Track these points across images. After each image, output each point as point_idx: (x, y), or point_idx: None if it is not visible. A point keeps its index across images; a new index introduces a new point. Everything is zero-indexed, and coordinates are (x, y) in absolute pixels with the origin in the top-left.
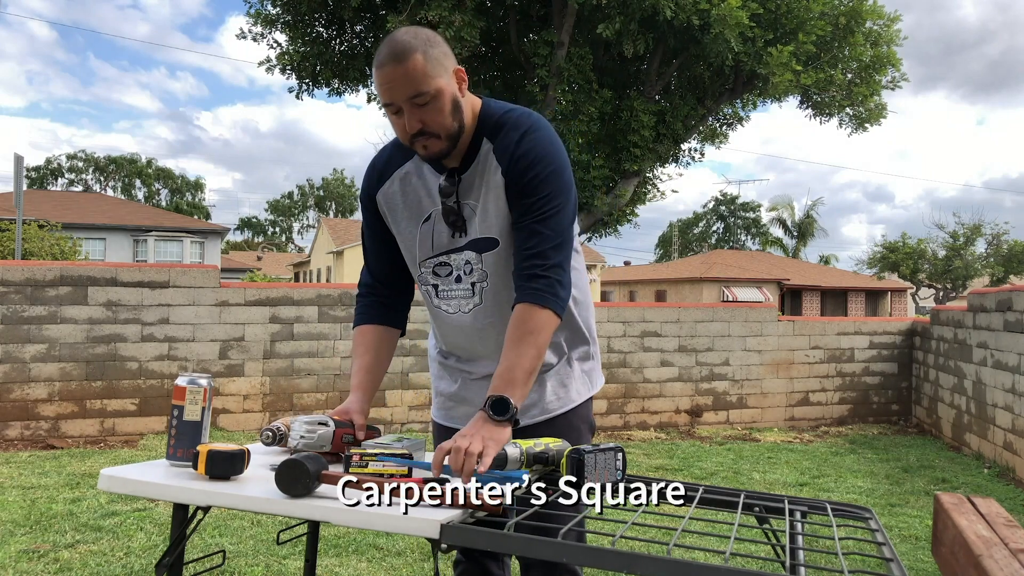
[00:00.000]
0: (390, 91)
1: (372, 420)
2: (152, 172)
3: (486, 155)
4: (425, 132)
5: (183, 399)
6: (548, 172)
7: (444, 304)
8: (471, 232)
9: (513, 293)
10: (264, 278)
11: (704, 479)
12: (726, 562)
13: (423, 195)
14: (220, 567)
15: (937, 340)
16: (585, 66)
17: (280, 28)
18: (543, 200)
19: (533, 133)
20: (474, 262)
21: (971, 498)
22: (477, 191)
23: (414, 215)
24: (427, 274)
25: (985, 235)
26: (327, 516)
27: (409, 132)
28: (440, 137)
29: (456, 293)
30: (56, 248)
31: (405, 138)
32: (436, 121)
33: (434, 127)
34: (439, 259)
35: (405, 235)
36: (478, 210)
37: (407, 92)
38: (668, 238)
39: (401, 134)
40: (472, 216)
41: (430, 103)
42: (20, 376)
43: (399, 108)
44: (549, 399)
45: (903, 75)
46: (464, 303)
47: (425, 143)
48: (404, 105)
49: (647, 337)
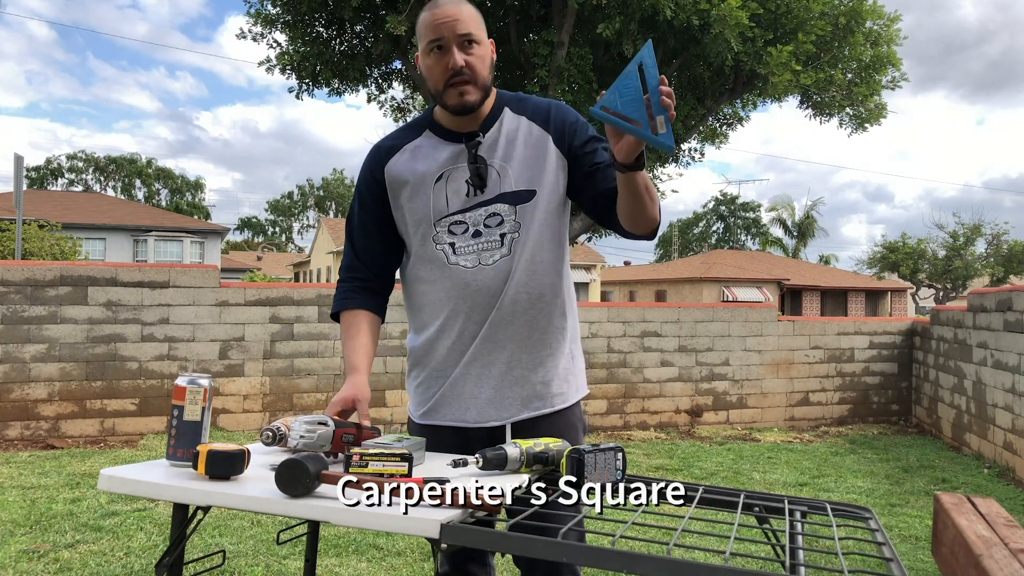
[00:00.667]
0: (443, 26)
1: (372, 420)
2: (152, 172)
3: (511, 120)
4: (464, 74)
5: (183, 399)
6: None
7: (463, 260)
8: (496, 188)
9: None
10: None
11: (704, 479)
12: (726, 562)
13: (434, 161)
14: (220, 567)
15: (937, 340)
16: (585, 66)
17: (280, 28)
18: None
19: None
20: (505, 214)
21: (971, 498)
22: (506, 151)
23: (426, 179)
24: (443, 233)
25: (985, 235)
26: (327, 516)
27: (452, 68)
28: (476, 85)
29: (476, 246)
30: (56, 248)
31: (444, 78)
32: (476, 67)
33: (474, 71)
34: (454, 217)
35: (416, 200)
36: (510, 167)
37: (460, 29)
38: (668, 238)
39: (441, 74)
40: (499, 175)
41: (475, 48)
42: (20, 376)
43: (445, 46)
44: (555, 392)
45: (903, 75)
46: (487, 255)
47: (463, 88)
48: (453, 41)
49: (647, 337)
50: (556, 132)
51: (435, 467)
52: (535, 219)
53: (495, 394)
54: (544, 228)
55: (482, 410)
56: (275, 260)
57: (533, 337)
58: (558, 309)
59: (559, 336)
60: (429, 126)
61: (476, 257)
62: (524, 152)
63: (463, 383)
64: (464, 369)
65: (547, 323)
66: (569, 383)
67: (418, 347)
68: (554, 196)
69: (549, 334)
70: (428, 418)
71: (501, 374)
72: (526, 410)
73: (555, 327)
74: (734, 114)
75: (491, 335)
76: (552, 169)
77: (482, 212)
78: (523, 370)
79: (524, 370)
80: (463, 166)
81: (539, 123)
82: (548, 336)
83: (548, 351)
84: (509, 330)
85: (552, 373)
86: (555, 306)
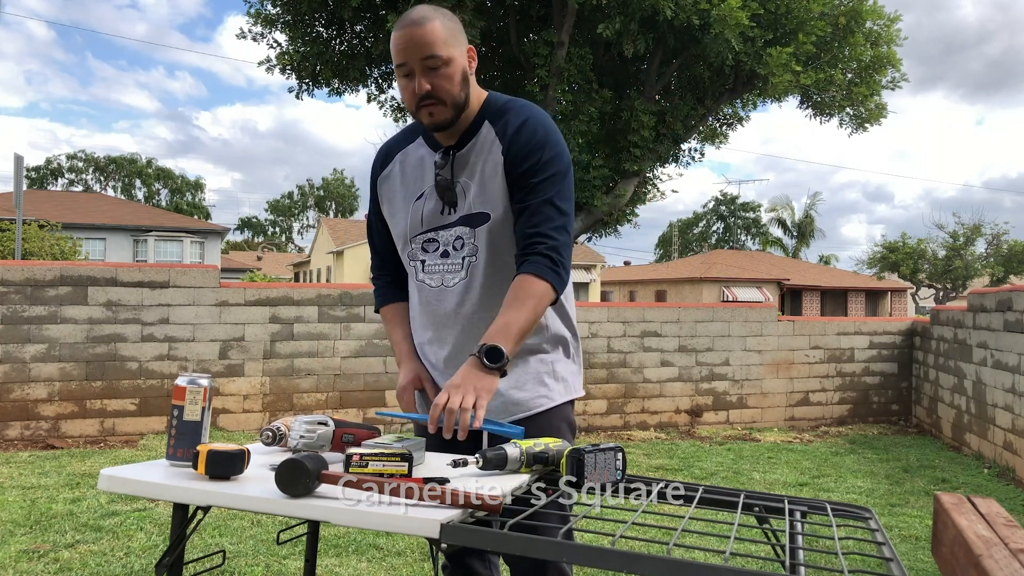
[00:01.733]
0: (405, 51)
1: (372, 420)
2: (152, 172)
3: (486, 135)
4: (432, 97)
5: (183, 399)
6: (550, 156)
7: (428, 278)
8: (463, 208)
9: (502, 276)
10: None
11: (704, 479)
12: (726, 562)
13: (419, 174)
14: (220, 567)
15: (937, 340)
16: (585, 66)
17: (280, 28)
18: (545, 182)
19: (535, 119)
20: (466, 236)
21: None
22: (472, 169)
23: (409, 194)
24: (416, 250)
25: (985, 235)
26: (327, 516)
27: (417, 94)
28: (446, 104)
29: (442, 267)
30: (56, 248)
31: (413, 102)
32: (444, 88)
33: (442, 93)
34: (428, 235)
35: (399, 214)
36: (473, 187)
37: (422, 53)
38: (668, 238)
39: (409, 98)
40: (464, 194)
41: (441, 68)
42: (20, 376)
43: (411, 70)
44: (530, 396)
45: (903, 75)
46: (450, 276)
47: (431, 109)
48: (416, 67)
49: (647, 337)
50: (508, 153)
51: (435, 467)
52: (491, 243)
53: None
54: (500, 252)
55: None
56: (275, 260)
57: None
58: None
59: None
60: (422, 131)
61: (440, 278)
62: (484, 172)
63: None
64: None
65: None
66: (548, 387)
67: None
68: (507, 216)
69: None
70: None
71: None
72: (504, 416)
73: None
74: (734, 114)
75: (455, 354)
76: (501, 188)
77: (452, 232)
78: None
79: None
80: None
81: (501, 139)
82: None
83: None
84: (460, 353)
85: (524, 379)
86: None
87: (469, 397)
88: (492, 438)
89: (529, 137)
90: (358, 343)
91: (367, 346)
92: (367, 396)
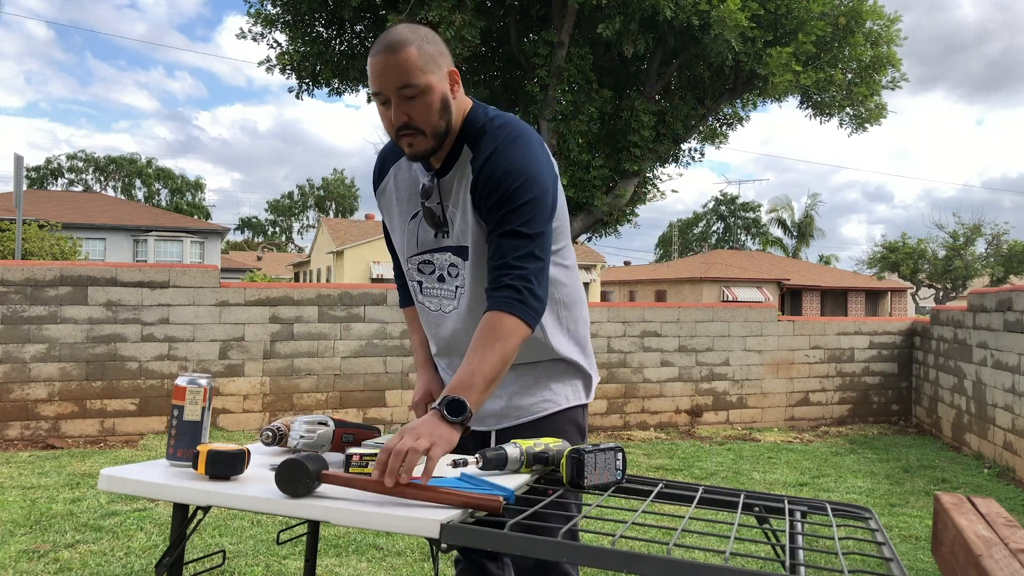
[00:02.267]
0: (380, 80)
1: (372, 420)
2: (152, 172)
3: (464, 161)
4: (411, 127)
5: (183, 399)
6: (517, 185)
7: (427, 301)
8: (454, 236)
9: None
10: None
11: (704, 479)
12: (726, 562)
13: (413, 193)
14: (220, 567)
15: (937, 340)
16: (585, 66)
17: (280, 28)
18: (512, 212)
19: (506, 147)
20: (460, 265)
21: (971, 498)
22: (455, 197)
23: (405, 211)
24: (412, 270)
25: (985, 235)
26: (327, 516)
27: (395, 124)
28: (426, 134)
29: (439, 291)
30: (56, 248)
31: (391, 131)
32: (422, 117)
33: (420, 123)
34: (423, 257)
35: (396, 231)
36: (457, 217)
37: (397, 82)
38: (668, 238)
39: (388, 127)
40: (452, 222)
41: (418, 97)
42: (20, 376)
43: (387, 99)
44: (534, 401)
45: (903, 75)
46: (446, 303)
47: (411, 140)
48: (392, 96)
49: (647, 337)
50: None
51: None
52: (474, 277)
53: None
54: (480, 284)
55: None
56: (275, 260)
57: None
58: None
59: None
60: None
61: (438, 302)
62: (463, 203)
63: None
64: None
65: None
66: (552, 391)
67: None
68: (483, 249)
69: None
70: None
71: None
72: (506, 420)
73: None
74: (734, 114)
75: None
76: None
77: (447, 258)
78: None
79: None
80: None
81: (473, 171)
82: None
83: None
84: None
85: (527, 384)
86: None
87: (423, 441)
88: (499, 437)
89: (494, 168)
90: (358, 343)
91: (367, 346)
92: (367, 396)
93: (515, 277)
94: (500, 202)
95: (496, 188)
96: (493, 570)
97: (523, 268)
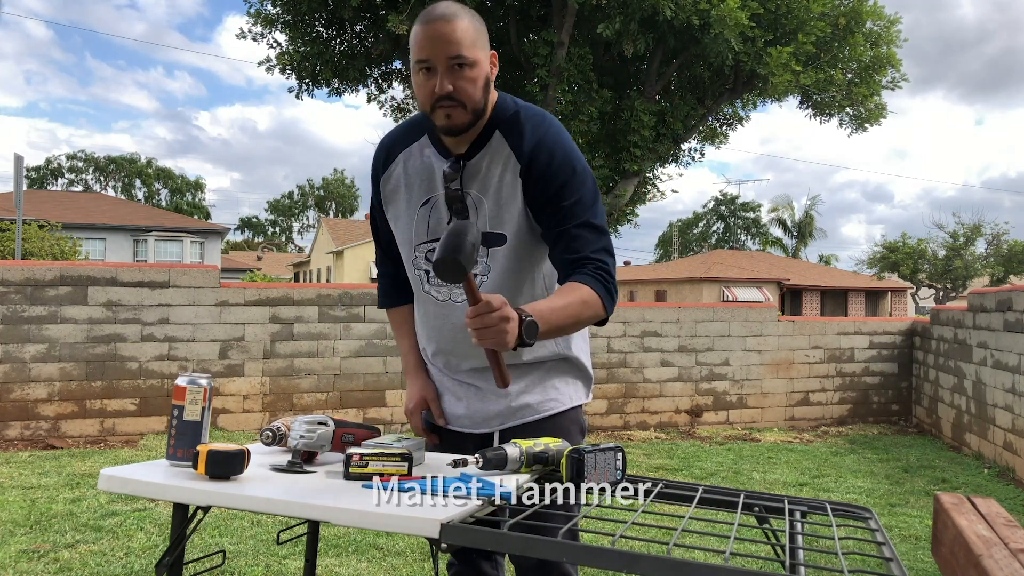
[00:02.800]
0: (432, 47)
1: (372, 420)
2: (152, 172)
3: (498, 147)
4: (453, 98)
5: (183, 399)
6: (577, 173)
7: (434, 291)
8: (479, 223)
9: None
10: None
11: (704, 479)
12: (726, 562)
13: (425, 179)
14: (220, 567)
15: (937, 340)
16: (585, 66)
17: (280, 28)
18: (577, 204)
19: (552, 135)
20: (481, 253)
21: (971, 498)
22: (484, 183)
23: (414, 197)
24: (420, 259)
25: (985, 235)
26: (327, 516)
27: (438, 93)
28: (466, 108)
29: None
30: (56, 248)
31: (429, 101)
32: (467, 90)
33: (463, 96)
34: (433, 244)
35: (402, 218)
36: (487, 204)
37: (449, 51)
38: (668, 238)
39: (427, 97)
40: (475, 207)
41: (466, 70)
42: (20, 376)
43: (432, 67)
44: (539, 400)
45: (903, 75)
46: (458, 291)
47: (449, 111)
48: (441, 65)
49: (647, 337)
50: (526, 178)
51: (435, 467)
52: (503, 266)
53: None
54: (511, 274)
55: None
56: (275, 260)
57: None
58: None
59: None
60: (428, 131)
61: (448, 291)
62: (498, 189)
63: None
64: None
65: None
66: (558, 390)
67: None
68: (525, 238)
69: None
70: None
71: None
72: (511, 419)
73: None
74: (734, 114)
75: (460, 364)
76: (521, 211)
77: None
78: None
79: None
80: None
81: (517, 157)
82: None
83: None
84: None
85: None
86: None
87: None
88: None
89: (550, 157)
90: (358, 343)
91: (367, 346)
92: (367, 396)
93: (598, 269)
94: (564, 192)
95: (557, 176)
96: (488, 570)
97: (604, 262)
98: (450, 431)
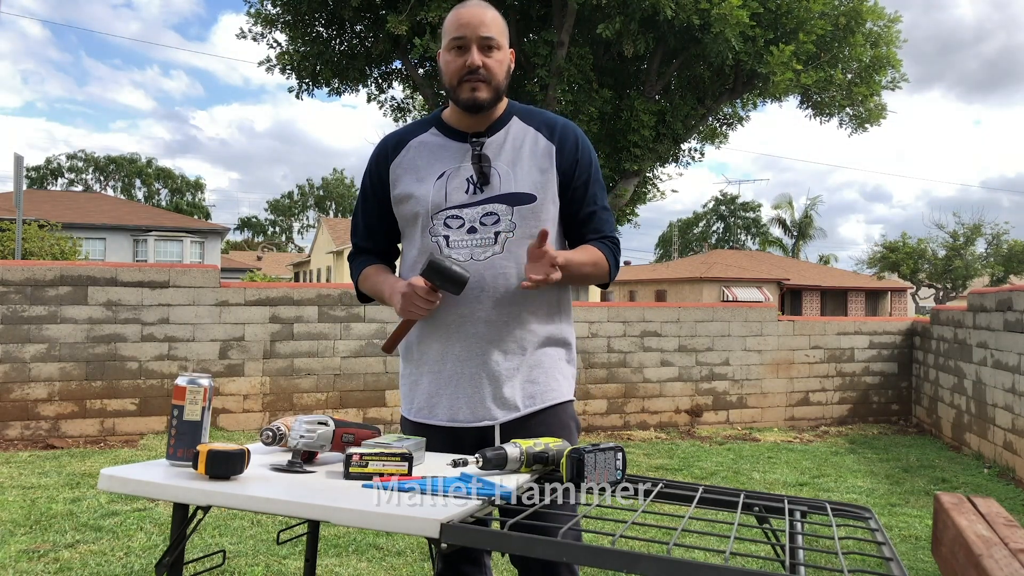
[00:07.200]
0: (469, 25)
1: (372, 420)
2: (152, 172)
3: (520, 130)
4: (480, 74)
5: (183, 399)
6: (596, 163)
7: (455, 252)
8: (497, 188)
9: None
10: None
11: (704, 479)
12: (726, 562)
13: (441, 157)
14: (220, 567)
15: (937, 340)
16: (585, 66)
17: (280, 28)
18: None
19: (572, 126)
20: (503, 213)
21: (971, 498)
22: (508, 156)
23: (430, 173)
24: (438, 226)
25: (985, 235)
26: (327, 516)
27: (469, 65)
28: (490, 85)
29: (470, 241)
30: (56, 248)
31: (459, 75)
32: (493, 69)
33: (490, 73)
34: (452, 212)
35: (418, 192)
36: (514, 171)
37: (483, 32)
38: (668, 238)
39: (457, 71)
40: (497, 175)
41: (495, 52)
42: (20, 376)
43: (466, 44)
44: (543, 390)
45: (903, 75)
46: (480, 251)
47: (475, 85)
48: (474, 42)
49: (647, 337)
50: (560, 151)
51: (435, 467)
52: (530, 220)
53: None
54: (532, 234)
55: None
56: (275, 260)
57: (514, 333)
58: (543, 311)
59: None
60: (436, 124)
61: (469, 252)
62: (530, 160)
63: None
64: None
65: (527, 323)
66: (559, 381)
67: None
68: (553, 207)
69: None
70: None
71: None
72: (514, 412)
73: (531, 330)
74: (734, 114)
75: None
76: (554, 181)
77: (480, 210)
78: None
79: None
80: (466, 165)
81: (546, 135)
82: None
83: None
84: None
85: (537, 373)
86: (540, 307)
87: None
88: (504, 433)
89: (580, 145)
90: (358, 343)
91: (367, 346)
92: (367, 396)
93: (614, 245)
94: (591, 178)
95: (586, 162)
96: (472, 572)
97: (616, 240)
98: (449, 429)
